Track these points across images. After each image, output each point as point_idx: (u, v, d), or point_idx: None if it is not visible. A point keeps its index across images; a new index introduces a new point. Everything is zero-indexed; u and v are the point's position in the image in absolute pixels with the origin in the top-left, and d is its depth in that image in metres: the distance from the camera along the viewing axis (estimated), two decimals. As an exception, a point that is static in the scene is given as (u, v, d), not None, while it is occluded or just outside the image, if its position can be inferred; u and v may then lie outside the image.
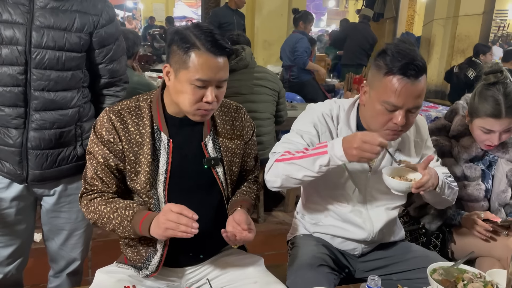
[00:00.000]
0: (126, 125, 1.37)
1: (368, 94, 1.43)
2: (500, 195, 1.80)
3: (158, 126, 1.39)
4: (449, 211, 1.81)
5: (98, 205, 1.37)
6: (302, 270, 1.48)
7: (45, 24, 1.48)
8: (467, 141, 1.78)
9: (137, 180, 1.38)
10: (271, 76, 3.18)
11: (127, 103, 1.40)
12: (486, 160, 1.83)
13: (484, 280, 1.38)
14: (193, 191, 1.43)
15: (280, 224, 3.35)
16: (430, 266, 1.42)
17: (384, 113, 1.37)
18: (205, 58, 1.26)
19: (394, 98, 1.33)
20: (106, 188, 1.38)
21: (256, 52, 6.26)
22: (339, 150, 1.31)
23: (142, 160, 1.37)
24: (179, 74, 1.30)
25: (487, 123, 1.67)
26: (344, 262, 1.64)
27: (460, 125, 1.80)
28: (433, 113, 4.32)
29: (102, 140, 1.36)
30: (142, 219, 1.30)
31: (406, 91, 1.32)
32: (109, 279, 1.37)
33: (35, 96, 1.51)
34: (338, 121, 1.53)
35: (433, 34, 6.60)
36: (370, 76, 1.43)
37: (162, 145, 1.39)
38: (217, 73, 1.29)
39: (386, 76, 1.34)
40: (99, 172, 1.37)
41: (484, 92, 1.67)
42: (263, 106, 3.08)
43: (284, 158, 1.40)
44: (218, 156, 1.44)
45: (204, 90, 1.30)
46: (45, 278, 1.93)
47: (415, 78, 1.32)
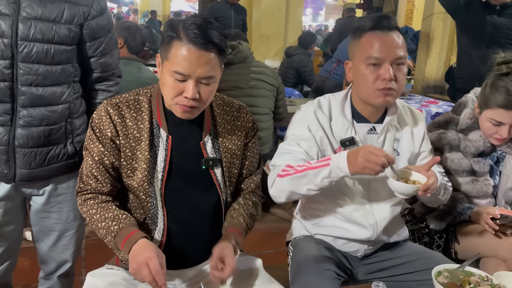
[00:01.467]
0: (124, 119, 1.32)
1: (352, 67, 1.46)
2: (507, 192, 1.76)
3: (158, 121, 1.34)
4: (459, 205, 1.76)
5: (90, 208, 1.33)
6: (306, 277, 1.42)
7: (32, 15, 1.41)
8: (475, 135, 1.75)
9: (133, 177, 1.33)
10: (269, 71, 3.14)
11: (126, 96, 1.36)
12: (493, 156, 1.79)
13: (491, 283, 1.33)
14: (190, 191, 1.38)
15: (279, 221, 3.31)
16: (434, 268, 1.37)
17: (370, 71, 1.39)
18: (185, 50, 1.21)
19: (375, 51, 1.38)
20: (101, 187, 1.34)
21: (254, 46, 6.19)
22: (342, 161, 1.29)
23: (139, 156, 1.32)
24: (163, 65, 1.28)
25: (497, 114, 1.63)
26: (346, 265, 1.59)
27: (468, 119, 1.77)
28: (434, 108, 4.27)
29: (98, 135, 1.32)
30: (124, 240, 1.26)
31: (383, 42, 1.38)
32: (101, 283, 1.32)
33: (22, 91, 1.45)
34: (331, 116, 1.50)
35: (432, 29, 6.52)
36: (349, 51, 1.48)
37: (161, 142, 1.34)
38: (197, 68, 1.23)
39: (362, 37, 1.41)
40: (94, 170, 1.33)
41: (496, 83, 1.64)
42: (261, 100, 3.03)
43: (287, 174, 1.38)
44: (217, 156, 1.39)
45: (183, 85, 1.25)
46: (36, 278, 1.88)
47: (387, 29, 1.39)
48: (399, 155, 1.53)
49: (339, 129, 1.49)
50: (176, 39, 1.22)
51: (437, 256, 1.56)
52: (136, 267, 1.21)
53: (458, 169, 1.76)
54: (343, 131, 1.48)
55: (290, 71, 5.24)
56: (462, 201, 1.76)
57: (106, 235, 1.30)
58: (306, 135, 1.46)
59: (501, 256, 1.65)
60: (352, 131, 1.48)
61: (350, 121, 1.49)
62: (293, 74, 5.26)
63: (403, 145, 1.54)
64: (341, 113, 1.50)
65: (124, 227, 1.28)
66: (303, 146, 1.45)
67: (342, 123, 1.49)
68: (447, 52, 6.65)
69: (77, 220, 1.70)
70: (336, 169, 1.30)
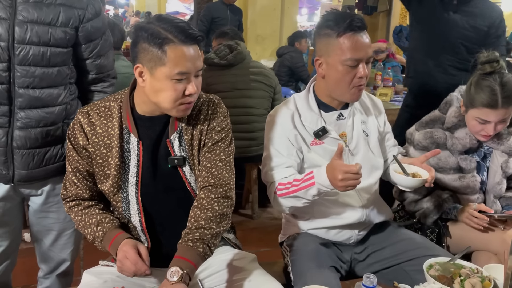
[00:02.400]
0: (94, 126, 1.34)
1: (325, 64, 1.51)
2: (495, 187, 1.79)
3: (128, 127, 1.34)
4: (445, 205, 1.80)
5: (76, 215, 1.39)
6: (311, 277, 1.43)
7: (28, 18, 1.43)
8: (462, 133, 1.76)
9: (106, 183, 1.36)
10: (267, 72, 3.16)
11: (98, 103, 1.37)
12: (481, 152, 1.81)
13: (481, 275, 1.36)
14: (165, 193, 1.39)
15: (275, 219, 3.33)
16: (426, 262, 1.40)
17: (347, 71, 1.47)
18: (181, 50, 1.22)
19: (353, 53, 1.44)
20: (81, 193, 1.40)
21: (250, 46, 6.18)
22: (325, 181, 1.39)
23: (111, 163, 1.34)
24: (155, 72, 1.24)
25: (483, 113, 1.65)
26: (342, 257, 1.64)
27: (454, 117, 1.78)
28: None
29: (73, 143, 1.36)
30: (110, 244, 1.33)
31: (359, 43, 1.45)
32: (97, 280, 1.34)
33: (20, 93, 1.47)
34: (299, 113, 1.58)
35: (426, 27, 6.58)
36: (320, 47, 1.52)
37: (131, 147, 1.35)
38: (195, 62, 1.25)
39: (338, 37, 1.45)
40: (74, 178, 1.38)
41: (480, 82, 1.66)
42: (258, 102, 3.06)
43: (282, 193, 1.51)
44: (183, 155, 1.37)
45: (184, 83, 1.26)
46: (35, 279, 1.90)
47: (361, 30, 1.46)
48: (368, 136, 1.63)
49: (310, 123, 1.57)
50: (169, 43, 1.21)
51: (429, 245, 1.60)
52: (119, 264, 1.27)
53: (445, 167, 1.78)
54: (313, 123, 1.56)
55: (282, 69, 5.29)
56: (448, 200, 1.80)
57: (93, 241, 1.36)
58: (282, 140, 1.55)
59: (492, 250, 1.68)
60: (321, 121, 1.57)
61: (318, 112, 1.57)
62: (286, 72, 5.31)
63: (370, 127, 1.65)
64: (308, 107, 1.58)
65: (107, 231, 1.34)
66: (283, 152, 1.55)
67: (311, 116, 1.57)
68: (441, 50, 6.69)
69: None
70: (322, 187, 1.41)
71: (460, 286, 1.31)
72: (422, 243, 1.62)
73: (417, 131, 1.86)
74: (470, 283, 1.30)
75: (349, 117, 1.60)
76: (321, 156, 1.58)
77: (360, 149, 1.60)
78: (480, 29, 2.50)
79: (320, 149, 1.57)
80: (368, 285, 1.08)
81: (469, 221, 1.71)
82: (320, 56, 1.52)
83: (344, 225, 1.61)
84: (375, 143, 1.64)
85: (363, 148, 1.60)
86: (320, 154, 1.57)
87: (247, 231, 3.05)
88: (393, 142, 1.77)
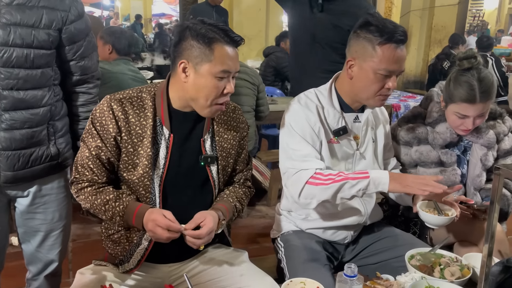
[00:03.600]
0: (127, 115, 1.35)
1: (357, 67, 1.50)
2: (475, 179, 1.83)
3: (161, 119, 1.38)
4: None
5: (89, 195, 1.37)
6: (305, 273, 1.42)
7: (11, 21, 1.44)
8: (442, 128, 1.80)
9: (134, 172, 1.37)
10: (250, 71, 3.20)
11: (129, 93, 1.40)
12: (461, 146, 1.85)
13: (460, 264, 1.40)
14: (186, 187, 1.43)
15: (263, 218, 3.35)
16: (408, 252, 1.44)
17: (378, 80, 1.47)
18: (226, 50, 1.31)
19: (390, 64, 1.45)
20: (96, 179, 1.38)
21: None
22: (384, 178, 1.42)
23: (141, 152, 1.36)
24: (200, 68, 1.31)
25: (461, 108, 1.68)
26: (334, 254, 1.67)
27: (435, 112, 1.82)
28: (412, 103, 4.37)
29: (99, 129, 1.35)
30: (134, 217, 1.33)
31: (398, 57, 1.45)
32: (90, 279, 1.35)
33: (4, 95, 1.48)
34: (323, 107, 1.58)
35: (410, 25, 6.66)
36: (356, 49, 1.50)
37: (163, 139, 1.38)
38: (236, 63, 1.35)
39: (379, 46, 1.44)
40: (90, 162, 1.37)
41: (458, 78, 1.69)
42: (244, 99, 3.09)
43: (320, 183, 1.45)
44: (214, 154, 1.45)
45: (224, 82, 1.33)
46: (23, 282, 1.90)
47: (403, 43, 1.46)
48: (374, 142, 1.66)
49: (331, 120, 1.57)
50: (217, 42, 1.29)
51: (414, 242, 1.65)
52: (152, 234, 1.31)
53: (426, 161, 1.82)
54: (334, 121, 1.57)
55: (268, 69, 5.33)
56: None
57: (113, 216, 1.36)
58: (307, 130, 1.53)
59: (473, 240, 1.72)
60: (342, 120, 1.58)
61: (339, 111, 1.58)
62: (271, 72, 5.36)
63: (378, 134, 1.67)
64: (331, 104, 1.58)
65: (128, 205, 1.34)
66: (309, 141, 1.53)
67: (334, 113, 1.57)
68: (425, 48, 6.79)
69: (63, 220, 1.73)
70: (374, 184, 1.43)
71: (440, 274, 1.35)
72: (408, 240, 1.66)
73: (399, 126, 1.90)
74: (449, 271, 1.34)
75: (365, 122, 1.61)
76: (334, 155, 1.58)
77: (367, 154, 1.62)
78: (342, 29, 2.28)
79: (336, 148, 1.58)
80: (349, 274, 1.10)
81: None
82: (353, 58, 1.50)
83: (342, 226, 1.64)
84: (381, 150, 1.67)
85: (370, 153, 1.63)
86: (334, 153, 1.58)
87: (236, 229, 3.06)
88: (392, 153, 1.80)
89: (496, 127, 1.85)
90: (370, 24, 1.47)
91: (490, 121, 1.86)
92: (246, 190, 1.58)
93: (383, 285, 1.29)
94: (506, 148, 1.87)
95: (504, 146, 1.87)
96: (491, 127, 1.83)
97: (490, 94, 1.66)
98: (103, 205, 1.35)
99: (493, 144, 1.82)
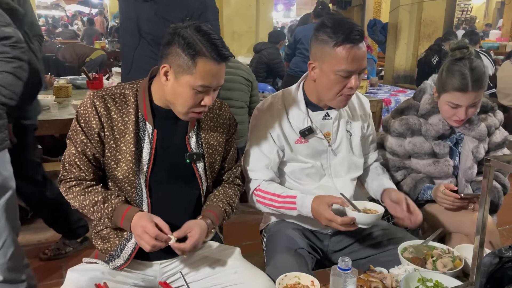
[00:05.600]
0: (109, 111, 1.36)
1: (318, 69, 1.50)
2: (466, 171, 1.85)
3: (144, 115, 1.39)
4: (419, 186, 1.85)
5: (78, 194, 1.38)
6: (281, 255, 1.50)
7: None
8: (435, 119, 1.82)
9: (117, 168, 1.37)
10: (244, 67, 3.22)
11: (112, 89, 1.40)
12: (453, 138, 1.87)
13: (452, 255, 1.42)
14: (173, 183, 1.43)
15: (256, 214, 3.31)
16: (400, 245, 1.45)
17: (339, 81, 1.47)
18: (210, 66, 1.27)
19: (348, 65, 1.43)
20: (84, 175, 1.38)
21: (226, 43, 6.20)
22: (308, 213, 1.50)
23: (123, 148, 1.36)
24: (180, 78, 1.29)
25: (454, 97, 1.70)
26: (317, 244, 1.68)
27: (428, 104, 1.84)
28: (402, 97, 4.40)
29: (83, 126, 1.36)
30: (122, 219, 1.34)
31: (355, 56, 1.43)
32: (81, 278, 1.35)
33: None
34: (287, 110, 1.60)
35: (399, 20, 6.68)
36: (315, 51, 1.50)
37: (146, 135, 1.39)
38: (219, 79, 1.32)
39: (335, 47, 1.43)
40: (77, 160, 1.37)
41: (451, 67, 1.71)
42: (238, 94, 3.09)
43: (260, 201, 1.60)
44: (200, 151, 1.45)
45: (203, 94, 1.32)
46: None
47: (359, 42, 1.44)
48: (351, 136, 1.67)
49: (296, 121, 1.59)
50: (201, 56, 1.26)
51: (404, 235, 1.65)
52: (138, 239, 1.30)
53: (420, 152, 1.85)
54: (300, 121, 1.59)
55: (260, 65, 5.33)
56: (423, 181, 1.85)
57: (101, 218, 1.37)
58: (264, 137, 1.58)
59: (464, 232, 1.74)
60: (308, 120, 1.59)
61: (305, 111, 1.59)
62: (263, 68, 5.36)
63: (354, 127, 1.68)
64: (296, 105, 1.60)
65: (116, 207, 1.35)
66: (264, 150, 1.58)
67: (298, 115, 1.59)
68: (414, 42, 6.80)
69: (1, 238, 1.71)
70: (302, 214, 1.52)
71: (433, 266, 1.36)
72: (397, 234, 1.67)
73: (393, 118, 1.93)
74: (442, 263, 1.36)
75: (336, 119, 1.62)
76: (304, 154, 1.61)
77: (342, 149, 1.64)
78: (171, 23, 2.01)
79: (304, 147, 1.61)
80: (343, 267, 1.11)
81: (441, 200, 1.76)
82: (314, 60, 1.51)
83: None
84: (357, 143, 1.68)
85: (345, 147, 1.64)
86: (304, 152, 1.61)
87: (228, 225, 3.06)
88: (374, 146, 1.83)
89: (487, 120, 1.87)
90: (326, 26, 1.46)
91: (482, 114, 1.88)
92: (235, 189, 1.59)
93: (377, 277, 1.30)
94: (497, 141, 1.90)
95: (495, 139, 1.89)
96: (483, 120, 1.86)
97: (482, 83, 1.68)
98: (92, 206, 1.36)
99: (484, 137, 1.85)
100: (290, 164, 1.63)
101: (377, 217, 1.43)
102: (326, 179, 1.65)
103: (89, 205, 1.36)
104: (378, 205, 1.51)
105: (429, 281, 1.26)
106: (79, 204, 1.38)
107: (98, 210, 1.36)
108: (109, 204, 1.35)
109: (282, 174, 1.66)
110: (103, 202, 1.35)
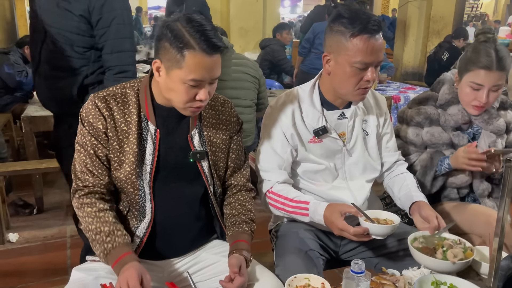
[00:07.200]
0: (112, 112, 1.33)
1: (333, 61, 1.47)
2: None
3: (146, 115, 1.35)
4: (436, 158, 1.80)
5: (87, 216, 1.31)
6: (291, 256, 1.47)
7: None
8: (454, 109, 1.81)
9: (120, 170, 1.34)
10: (251, 63, 3.16)
11: (113, 90, 1.36)
12: (470, 132, 1.86)
13: (464, 246, 1.37)
14: (178, 183, 1.40)
15: (263, 211, 3.30)
16: (411, 235, 1.42)
17: (355, 73, 1.43)
18: (199, 58, 1.22)
19: (365, 56, 1.39)
20: (99, 181, 1.34)
21: (233, 40, 6.19)
22: (320, 220, 1.45)
23: (126, 149, 1.33)
24: (171, 72, 1.25)
25: (478, 76, 1.69)
26: (329, 245, 1.65)
27: (447, 94, 1.83)
28: (411, 94, 4.35)
29: (89, 128, 1.32)
30: (116, 261, 1.25)
31: (373, 48, 1.40)
32: (86, 277, 1.32)
33: None
34: (301, 109, 1.57)
35: (408, 16, 6.62)
36: (330, 43, 1.47)
37: (149, 135, 1.35)
38: (211, 72, 1.26)
39: (352, 38, 1.39)
40: (89, 165, 1.33)
41: (477, 47, 1.72)
42: (244, 93, 3.05)
43: (272, 204, 1.57)
44: (204, 149, 1.41)
45: (197, 88, 1.27)
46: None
47: (377, 33, 1.40)
48: (368, 135, 1.63)
49: (311, 120, 1.55)
50: (189, 49, 1.20)
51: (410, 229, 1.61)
52: (118, 285, 1.21)
53: (438, 143, 1.82)
54: (314, 121, 1.55)
55: (264, 62, 5.32)
56: (438, 154, 1.80)
57: (98, 248, 1.29)
58: (278, 136, 1.55)
59: (478, 233, 1.70)
60: (322, 120, 1.55)
61: (320, 110, 1.55)
62: (267, 65, 5.34)
63: (370, 125, 1.64)
64: (311, 104, 1.56)
65: (117, 246, 1.27)
66: (277, 149, 1.55)
67: (313, 113, 1.55)
68: (423, 39, 6.75)
69: None
70: (314, 221, 1.48)
71: (443, 256, 1.32)
72: (410, 232, 1.62)
73: (410, 108, 1.90)
74: (452, 253, 1.31)
75: (351, 118, 1.58)
76: (318, 154, 1.58)
77: (357, 148, 1.60)
78: (74, 14, 1.90)
79: (318, 147, 1.57)
80: (356, 270, 1.08)
81: (468, 162, 1.67)
82: (329, 52, 1.47)
83: None
84: (374, 143, 1.64)
85: (360, 147, 1.60)
86: (317, 152, 1.57)
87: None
88: (393, 145, 1.73)
89: (507, 117, 1.86)
90: (342, 17, 1.42)
91: (502, 110, 1.87)
92: (250, 199, 1.54)
93: (389, 280, 1.27)
94: (516, 139, 1.86)
95: (513, 137, 1.86)
96: (502, 116, 1.84)
97: (506, 64, 1.68)
98: (95, 234, 1.29)
99: (502, 132, 1.83)
100: (303, 164, 1.59)
101: (392, 228, 1.37)
102: (339, 180, 1.61)
103: (93, 231, 1.29)
104: (393, 215, 1.45)
105: (443, 284, 1.22)
106: (85, 225, 1.32)
107: (99, 240, 1.28)
108: (111, 239, 1.28)
109: (295, 174, 1.62)
110: (107, 235, 1.28)
